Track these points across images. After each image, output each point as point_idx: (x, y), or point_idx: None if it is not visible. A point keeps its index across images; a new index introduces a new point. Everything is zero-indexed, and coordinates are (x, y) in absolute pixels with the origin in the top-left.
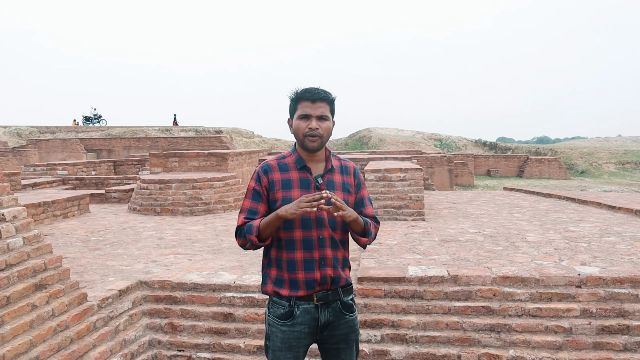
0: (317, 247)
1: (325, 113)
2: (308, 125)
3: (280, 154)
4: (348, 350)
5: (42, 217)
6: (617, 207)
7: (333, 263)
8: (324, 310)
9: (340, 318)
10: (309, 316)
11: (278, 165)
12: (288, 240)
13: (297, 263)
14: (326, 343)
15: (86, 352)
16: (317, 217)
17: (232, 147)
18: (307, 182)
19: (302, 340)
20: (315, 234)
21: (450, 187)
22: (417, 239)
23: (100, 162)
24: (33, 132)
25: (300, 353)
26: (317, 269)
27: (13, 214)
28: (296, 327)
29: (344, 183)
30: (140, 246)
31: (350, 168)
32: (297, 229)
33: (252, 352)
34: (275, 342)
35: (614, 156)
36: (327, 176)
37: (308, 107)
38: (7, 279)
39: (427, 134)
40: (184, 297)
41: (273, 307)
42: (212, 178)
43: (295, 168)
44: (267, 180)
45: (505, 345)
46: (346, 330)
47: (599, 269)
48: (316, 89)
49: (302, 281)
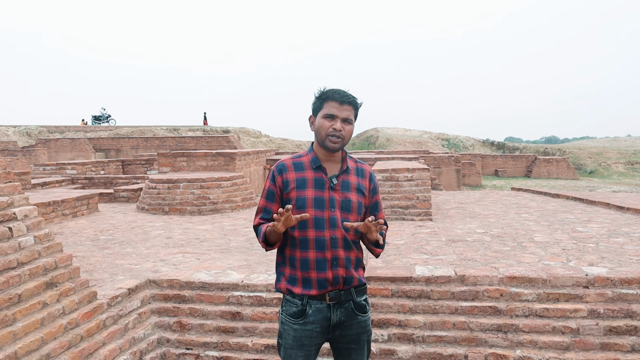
0: (329, 247)
1: (350, 117)
2: (332, 125)
3: (296, 153)
4: (359, 351)
5: (52, 216)
6: (626, 207)
7: (345, 263)
8: (337, 310)
9: (352, 318)
10: (321, 315)
11: (293, 164)
12: (302, 239)
13: (310, 262)
14: (338, 342)
15: (96, 349)
16: (330, 218)
17: (240, 147)
18: (321, 182)
19: (314, 339)
20: (328, 234)
21: (457, 187)
22: (424, 239)
23: (109, 162)
24: (42, 131)
25: (311, 352)
26: (329, 268)
27: (24, 213)
28: (308, 326)
29: (359, 185)
30: (149, 245)
31: (366, 171)
32: (311, 228)
33: (259, 350)
34: (287, 340)
35: (623, 156)
36: (342, 177)
37: (335, 107)
38: (18, 277)
39: (434, 134)
40: (192, 296)
41: (286, 305)
42: (219, 178)
43: (310, 167)
44: (281, 180)
45: (512, 345)
46: (358, 330)
47: (607, 269)
48: (345, 91)
49: (315, 280)
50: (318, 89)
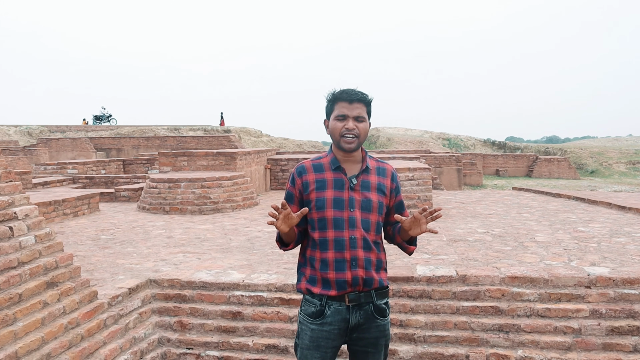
0: (348, 247)
1: (362, 114)
2: (345, 125)
3: (317, 155)
4: (376, 355)
5: (53, 215)
6: (628, 207)
7: (365, 264)
8: (356, 312)
9: (371, 321)
10: (339, 317)
11: (313, 166)
12: (322, 240)
13: (329, 263)
14: (355, 345)
15: (97, 349)
16: (350, 218)
17: (241, 147)
18: (341, 183)
19: (331, 340)
20: (347, 235)
21: (458, 187)
22: (426, 238)
23: (110, 161)
24: (43, 131)
25: (328, 354)
26: (348, 269)
27: (25, 212)
28: (325, 327)
29: (380, 184)
30: (150, 245)
31: (388, 170)
32: (330, 229)
33: (260, 350)
34: (304, 341)
35: (625, 156)
36: (362, 177)
37: (345, 107)
38: (19, 277)
39: (435, 134)
40: (193, 296)
41: (305, 305)
42: (220, 177)
43: (330, 169)
44: (301, 182)
45: (513, 345)
46: (377, 334)
47: (609, 269)
48: (353, 90)
49: (334, 281)
50: (328, 92)
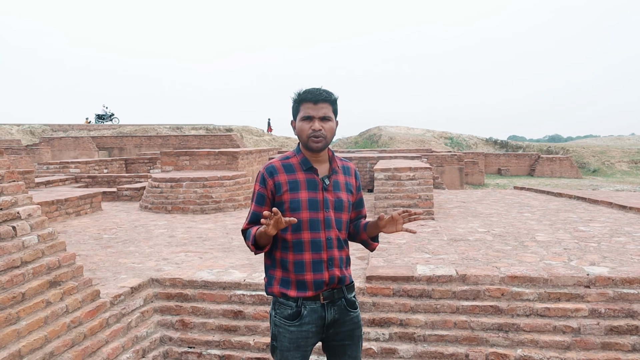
0: (325, 248)
1: (328, 114)
2: (311, 126)
3: (283, 155)
4: (353, 347)
5: (56, 214)
6: (629, 206)
7: (339, 263)
8: (330, 309)
9: (345, 315)
10: (316, 315)
11: (283, 166)
12: (296, 242)
13: (305, 264)
14: (332, 341)
15: (99, 348)
16: (325, 219)
17: (243, 146)
18: (314, 183)
19: (310, 339)
20: (324, 236)
21: (460, 186)
22: (426, 238)
23: (112, 160)
24: (46, 130)
25: (308, 352)
26: (325, 269)
27: (28, 212)
28: (304, 327)
29: (347, 183)
30: (152, 244)
31: (351, 169)
32: (305, 230)
33: (261, 349)
34: (283, 343)
35: (627, 155)
36: (332, 177)
37: (310, 108)
38: (22, 276)
39: (437, 133)
40: (195, 295)
41: (280, 308)
42: (222, 176)
43: (301, 169)
44: (272, 182)
45: (513, 344)
46: (351, 326)
47: (609, 269)
48: (318, 89)
49: (311, 282)
50: (293, 93)
